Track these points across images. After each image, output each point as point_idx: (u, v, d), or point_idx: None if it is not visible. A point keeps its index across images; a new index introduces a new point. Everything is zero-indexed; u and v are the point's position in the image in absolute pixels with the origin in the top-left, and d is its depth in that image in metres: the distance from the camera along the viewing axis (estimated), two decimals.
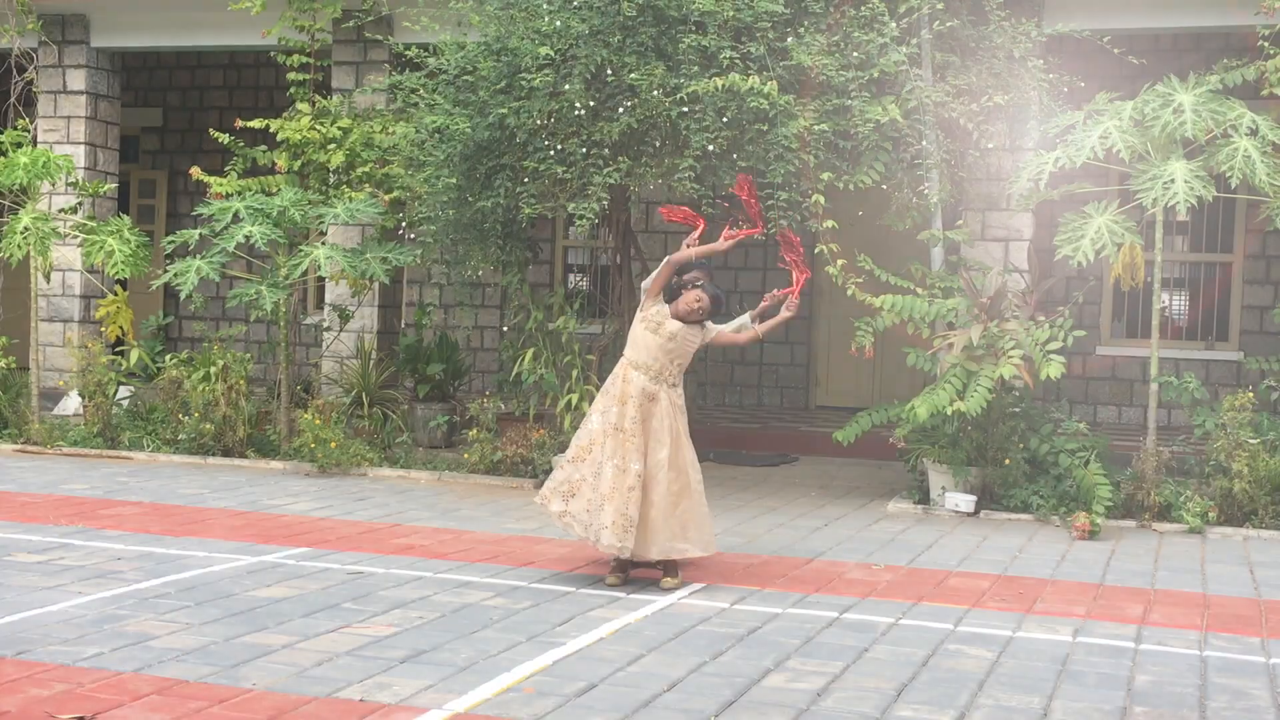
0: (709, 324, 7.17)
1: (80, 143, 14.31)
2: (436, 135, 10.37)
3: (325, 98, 12.60)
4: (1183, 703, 5.26)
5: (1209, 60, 11.82)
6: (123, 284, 13.18)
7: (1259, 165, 9.10)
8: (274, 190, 11.71)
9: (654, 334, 7.00)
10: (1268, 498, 9.26)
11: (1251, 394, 9.64)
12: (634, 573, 7.15)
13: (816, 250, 10.00)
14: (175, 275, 10.99)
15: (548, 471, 10.53)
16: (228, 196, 11.54)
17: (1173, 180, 9.17)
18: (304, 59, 12.28)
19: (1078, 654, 5.93)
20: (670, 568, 7.06)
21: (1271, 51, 9.98)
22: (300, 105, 12.21)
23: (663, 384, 7.00)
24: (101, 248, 11.64)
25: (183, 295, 10.91)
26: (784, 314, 7.33)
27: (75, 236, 12.52)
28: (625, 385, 6.97)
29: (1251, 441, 9.24)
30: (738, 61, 9.50)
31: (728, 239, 7.34)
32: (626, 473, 6.86)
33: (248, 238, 10.84)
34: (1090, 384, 14.24)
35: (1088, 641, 6.16)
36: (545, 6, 9.87)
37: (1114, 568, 7.96)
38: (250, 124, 12.36)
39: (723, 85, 9.31)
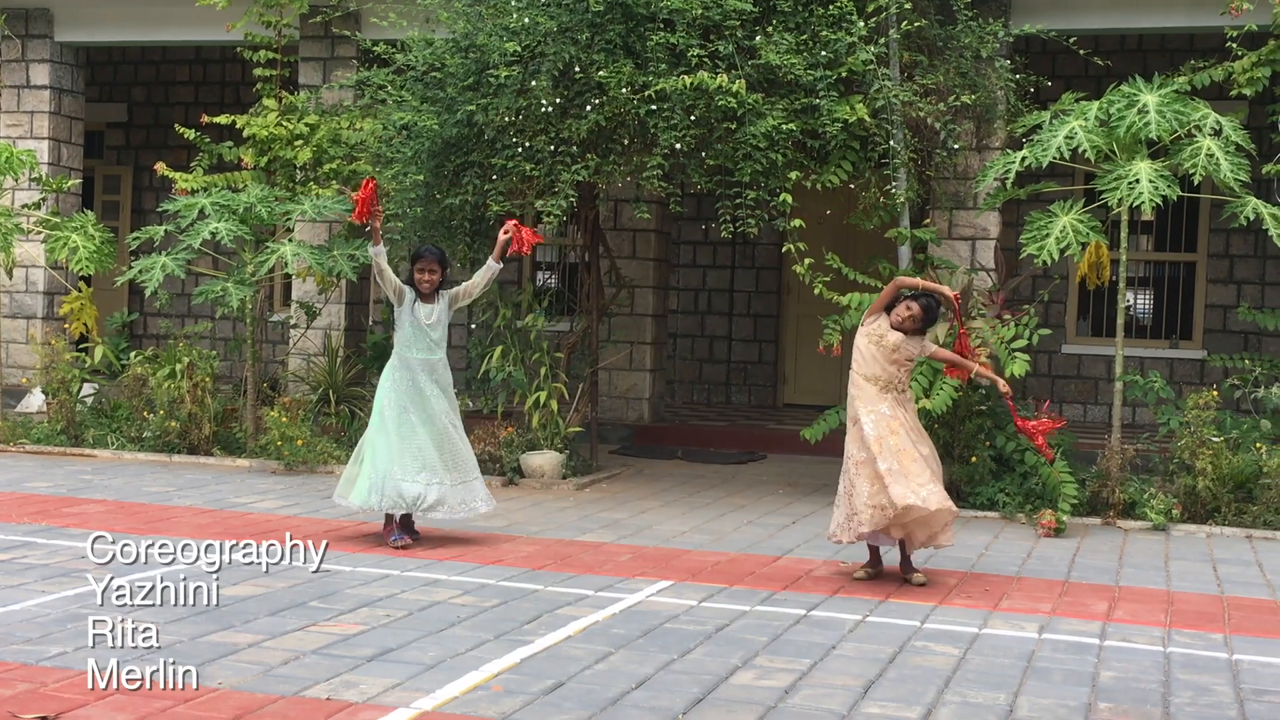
0: (929, 344, 7.34)
1: (44, 138, 14.18)
2: (404, 132, 10.34)
3: (292, 94, 12.53)
4: (1146, 699, 5.30)
5: (1174, 61, 11.92)
6: (87, 280, 13.07)
7: (1223, 163, 9.18)
8: (240, 186, 11.64)
9: (880, 348, 7.18)
10: (1230, 495, 9.34)
11: (1215, 392, 9.73)
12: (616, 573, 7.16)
13: (784, 249, 10.02)
14: (140, 272, 10.91)
15: (516, 469, 10.53)
16: (193, 193, 11.46)
17: (1137, 180, 9.24)
18: (270, 54, 12.21)
19: (1043, 650, 5.97)
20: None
21: (1240, 53, 10.07)
22: (267, 101, 12.14)
23: (891, 389, 7.17)
24: (65, 244, 11.54)
25: (148, 292, 10.83)
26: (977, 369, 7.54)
27: (39, 232, 12.42)
28: (870, 389, 7.19)
29: (1215, 440, 9.32)
30: (706, 60, 9.50)
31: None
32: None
33: (214, 234, 10.77)
34: (1056, 382, 14.33)
35: (1053, 638, 6.20)
36: (513, 3, 9.84)
37: (1079, 565, 8.01)
38: (216, 120, 12.27)
39: (691, 83, 9.31)
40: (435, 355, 8.07)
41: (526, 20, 9.64)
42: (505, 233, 8.02)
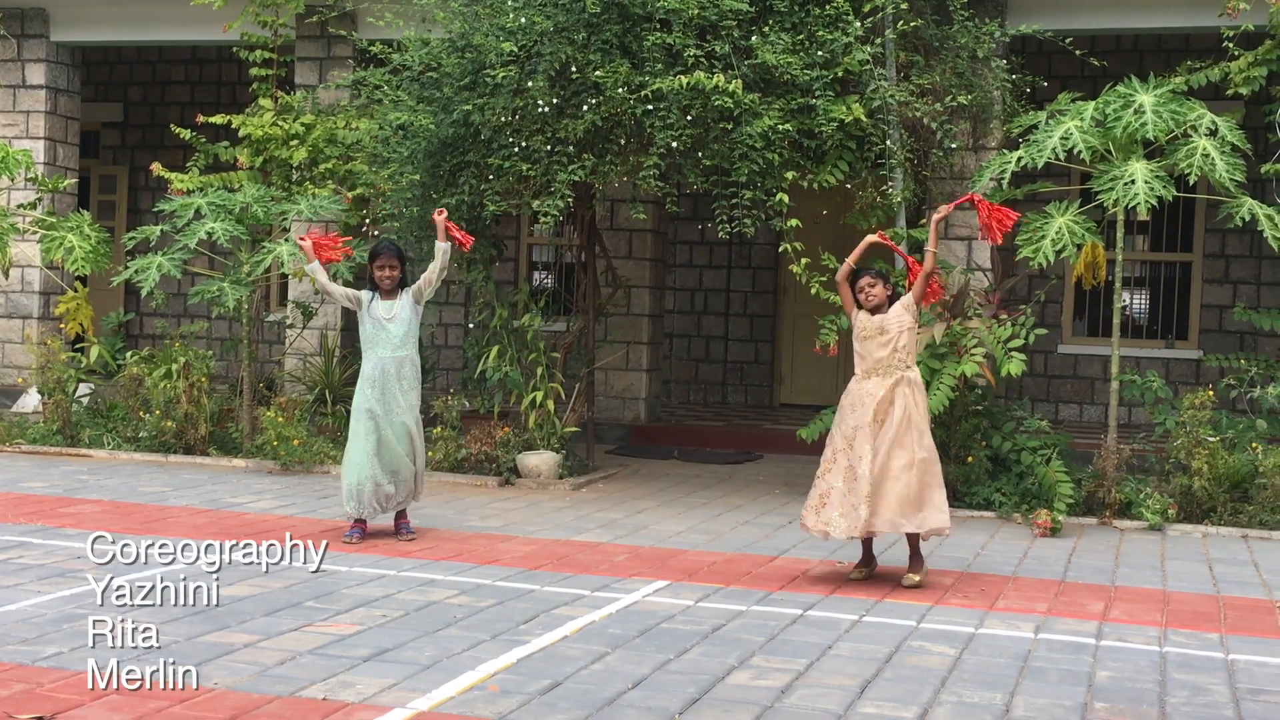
0: (904, 298, 7.37)
1: (40, 138, 14.18)
2: (400, 132, 10.34)
3: (288, 93, 12.53)
4: (1143, 698, 5.31)
5: (1170, 62, 11.93)
6: (83, 280, 13.07)
7: (1218, 163, 9.18)
8: (236, 186, 11.63)
9: (871, 339, 7.26)
10: (1226, 495, 9.35)
11: (1211, 392, 9.74)
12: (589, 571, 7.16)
13: (780, 249, 10.02)
14: (136, 272, 10.90)
15: (512, 468, 10.53)
16: (189, 192, 11.45)
17: (1133, 180, 9.24)
18: (267, 54, 12.20)
19: (1039, 650, 5.97)
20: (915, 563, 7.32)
21: (1236, 53, 10.08)
22: (263, 101, 12.14)
23: (894, 372, 7.21)
24: (61, 244, 11.53)
25: (144, 292, 10.82)
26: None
27: (35, 232, 12.40)
28: (858, 394, 7.24)
29: (1211, 439, 9.33)
30: (703, 60, 9.50)
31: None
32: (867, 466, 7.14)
33: (210, 234, 10.77)
34: (1052, 382, 14.33)
35: (1049, 638, 6.20)
36: (510, 3, 9.84)
37: (1075, 565, 8.02)
38: (212, 120, 12.25)
39: (687, 83, 9.31)
40: (401, 352, 8.08)
41: (523, 20, 9.64)
42: (439, 212, 8.33)
